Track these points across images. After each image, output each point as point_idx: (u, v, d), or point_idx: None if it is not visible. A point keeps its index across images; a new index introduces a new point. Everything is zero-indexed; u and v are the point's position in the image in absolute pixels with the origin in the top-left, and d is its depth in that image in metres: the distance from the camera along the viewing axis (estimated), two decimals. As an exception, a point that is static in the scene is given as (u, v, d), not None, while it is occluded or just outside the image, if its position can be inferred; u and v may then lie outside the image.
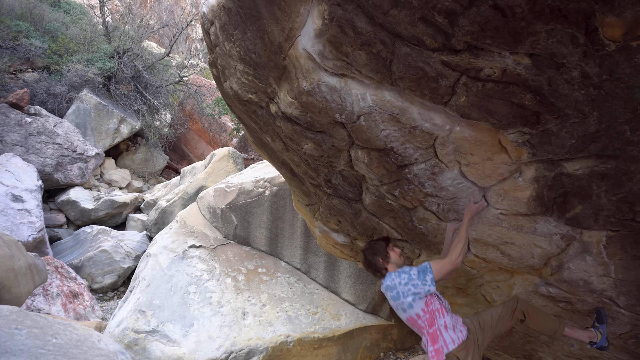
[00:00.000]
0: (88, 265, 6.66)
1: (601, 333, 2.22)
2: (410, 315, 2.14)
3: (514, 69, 1.60)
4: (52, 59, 11.08)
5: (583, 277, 2.27)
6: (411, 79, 1.83)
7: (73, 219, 8.50)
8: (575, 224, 2.08)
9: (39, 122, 8.90)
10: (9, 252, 3.72)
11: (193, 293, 4.62)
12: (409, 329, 5.11)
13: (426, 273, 2.10)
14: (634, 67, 1.42)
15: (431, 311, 2.11)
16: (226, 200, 5.75)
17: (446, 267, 2.14)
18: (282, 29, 2.05)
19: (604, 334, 2.22)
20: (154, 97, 12.22)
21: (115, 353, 2.84)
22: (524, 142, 1.89)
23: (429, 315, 2.10)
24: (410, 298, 2.10)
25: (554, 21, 1.39)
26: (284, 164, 3.32)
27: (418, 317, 2.12)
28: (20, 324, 2.53)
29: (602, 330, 2.23)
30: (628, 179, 1.77)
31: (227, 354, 4.00)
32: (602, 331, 2.23)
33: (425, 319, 2.11)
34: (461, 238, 2.20)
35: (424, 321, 2.11)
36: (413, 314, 2.13)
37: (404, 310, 2.16)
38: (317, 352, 4.45)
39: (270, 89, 2.47)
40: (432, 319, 2.10)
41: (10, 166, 7.11)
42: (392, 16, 1.64)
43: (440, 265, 2.14)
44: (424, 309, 2.10)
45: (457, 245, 2.18)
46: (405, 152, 2.22)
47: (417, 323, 2.14)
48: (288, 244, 5.45)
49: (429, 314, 2.10)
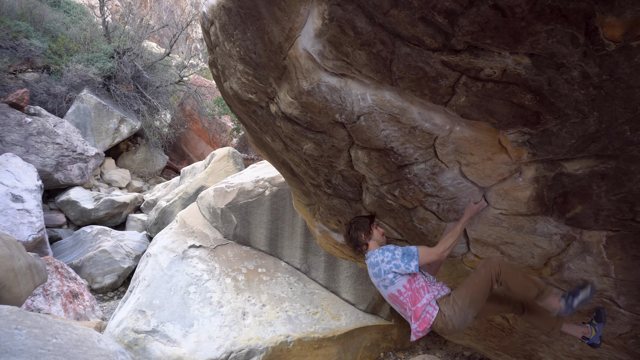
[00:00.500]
0: (88, 265, 6.66)
1: (596, 331, 2.22)
2: (392, 292, 2.18)
3: (514, 69, 1.60)
4: (52, 59, 11.08)
5: (583, 277, 2.27)
6: (411, 79, 1.83)
7: (73, 219, 8.50)
8: (575, 224, 2.08)
9: (39, 122, 8.90)
10: (9, 252, 3.72)
11: (193, 293, 4.62)
12: (409, 329, 5.11)
13: (412, 258, 2.14)
14: (634, 67, 1.42)
15: (414, 289, 2.13)
16: (226, 200, 5.75)
17: (432, 256, 2.16)
18: (282, 29, 2.05)
19: (598, 332, 2.22)
20: (154, 97, 12.21)
21: (115, 353, 2.84)
22: (524, 142, 1.89)
23: (411, 293, 2.13)
24: (392, 275, 2.14)
25: (554, 21, 1.39)
26: (284, 164, 3.32)
27: (400, 293, 2.16)
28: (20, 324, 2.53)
29: (598, 329, 2.23)
30: (628, 179, 1.77)
31: (227, 354, 4.00)
32: (597, 329, 2.22)
33: (408, 296, 2.14)
34: (454, 234, 2.22)
35: (405, 297, 2.15)
36: (394, 290, 2.16)
37: (386, 287, 2.19)
38: (317, 352, 4.45)
39: (270, 89, 2.47)
40: (414, 297, 2.13)
41: (10, 166, 7.11)
42: (392, 16, 1.64)
43: (427, 253, 2.17)
44: (405, 286, 2.14)
45: (448, 240, 2.20)
46: (405, 152, 2.22)
47: (399, 299, 2.17)
48: (288, 244, 5.45)
49: (411, 292, 2.13)
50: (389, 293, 2.20)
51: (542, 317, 2.29)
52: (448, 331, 2.13)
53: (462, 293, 2.14)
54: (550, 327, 2.27)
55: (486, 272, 2.10)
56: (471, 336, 3.67)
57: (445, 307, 2.12)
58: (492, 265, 2.11)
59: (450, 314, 2.10)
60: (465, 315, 2.11)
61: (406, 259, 2.14)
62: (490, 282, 2.08)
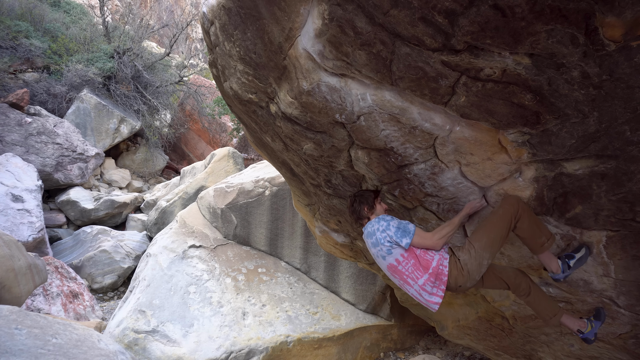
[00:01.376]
0: (88, 265, 6.66)
1: (592, 327, 2.21)
2: (390, 262, 2.12)
3: (514, 69, 1.60)
4: (52, 59, 11.08)
5: (583, 277, 2.27)
6: (411, 79, 1.83)
7: (73, 219, 8.51)
8: (575, 224, 2.08)
9: (39, 122, 8.90)
10: (9, 252, 3.72)
11: (193, 293, 4.63)
12: (409, 329, 5.11)
13: (405, 234, 2.07)
14: (634, 67, 1.42)
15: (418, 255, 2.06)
16: (226, 200, 5.75)
17: (426, 241, 2.09)
18: (282, 29, 2.05)
19: (594, 329, 2.21)
20: (154, 97, 12.21)
21: (115, 353, 2.84)
22: (524, 142, 1.89)
23: (414, 260, 2.06)
24: (388, 244, 2.09)
25: (554, 21, 1.39)
26: (284, 164, 3.32)
27: (398, 262, 2.09)
28: (20, 324, 2.53)
29: (595, 325, 2.22)
30: (628, 179, 1.77)
31: (227, 354, 4.00)
32: (594, 325, 2.22)
33: (412, 265, 2.06)
34: (451, 224, 2.15)
35: (405, 267, 2.07)
36: (392, 260, 2.10)
37: (384, 258, 2.14)
38: (317, 352, 4.45)
39: (270, 89, 2.47)
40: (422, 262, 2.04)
41: (10, 166, 7.11)
42: (392, 16, 1.64)
43: (422, 236, 2.09)
44: (403, 255, 2.07)
45: (444, 229, 2.13)
46: (405, 152, 2.22)
47: (398, 269, 2.10)
48: (288, 244, 5.45)
49: (414, 259, 2.06)
50: (387, 264, 2.14)
51: (545, 302, 2.24)
52: (463, 279, 2.03)
53: (479, 235, 2.05)
54: (552, 313, 2.23)
55: (505, 211, 2.01)
56: (471, 336, 3.67)
57: (459, 252, 2.05)
58: (511, 203, 2.02)
59: (465, 258, 2.02)
60: (481, 259, 2.02)
61: (400, 233, 2.08)
62: (509, 221, 1.99)
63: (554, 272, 2.10)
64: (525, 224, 2.01)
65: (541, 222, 2.08)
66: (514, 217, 2.00)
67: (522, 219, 2.00)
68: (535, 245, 2.06)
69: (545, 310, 2.25)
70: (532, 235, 2.04)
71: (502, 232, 2.02)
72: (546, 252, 2.08)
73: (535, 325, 2.93)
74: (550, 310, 2.24)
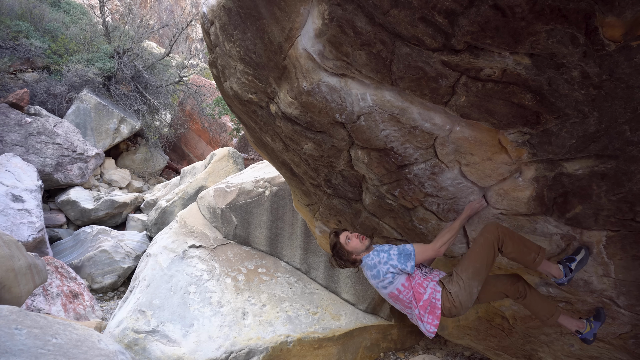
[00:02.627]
0: (88, 265, 6.66)
1: (591, 328, 2.21)
2: (392, 291, 2.16)
3: (514, 69, 1.60)
4: (52, 59, 11.08)
5: (583, 277, 2.27)
6: (411, 79, 1.83)
7: (73, 219, 8.50)
8: (575, 224, 2.08)
9: (39, 122, 8.90)
10: (9, 252, 3.72)
11: (193, 293, 4.62)
12: (409, 329, 5.11)
13: (408, 259, 2.11)
14: (634, 67, 1.42)
15: (414, 286, 2.12)
16: (226, 200, 5.75)
17: (428, 252, 2.14)
18: (282, 29, 2.05)
19: (593, 329, 2.21)
20: (154, 97, 12.21)
21: (115, 353, 2.84)
22: (524, 142, 1.89)
23: (412, 291, 2.12)
24: (390, 275, 2.12)
25: (554, 21, 1.39)
26: (284, 164, 3.32)
27: (399, 292, 2.14)
28: (20, 324, 2.53)
29: (594, 326, 2.22)
30: (628, 179, 1.77)
31: (227, 354, 4.00)
32: (593, 326, 2.22)
33: (410, 295, 2.12)
34: (452, 229, 2.18)
35: (406, 296, 2.13)
36: (394, 289, 2.14)
37: (385, 288, 2.17)
38: (317, 352, 4.45)
39: (270, 89, 2.47)
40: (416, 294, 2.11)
41: (10, 166, 7.11)
42: (392, 16, 1.64)
43: (423, 250, 2.14)
44: (404, 284, 2.12)
45: (445, 235, 2.17)
46: (405, 152, 2.22)
47: (399, 298, 2.15)
48: (288, 244, 5.45)
49: (411, 290, 2.12)
50: (388, 292, 2.19)
51: (542, 303, 2.25)
52: (456, 310, 2.07)
53: (464, 266, 2.09)
54: (549, 313, 2.23)
55: (485, 239, 2.06)
56: (471, 336, 3.67)
57: (449, 285, 2.08)
58: (490, 231, 2.05)
59: (455, 290, 2.06)
60: (470, 289, 2.06)
61: (403, 258, 2.12)
62: (491, 248, 2.03)
63: (556, 278, 2.12)
64: (510, 247, 2.05)
65: (527, 240, 2.11)
66: (496, 243, 2.04)
67: (506, 243, 2.04)
68: (527, 263, 2.10)
69: (542, 311, 2.25)
70: (521, 254, 2.07)
71: (487, 259, 2.06)
72: (542, 264, 2.09)
73: (535, 325, 2.93)
74: (547, 310, 2.25)
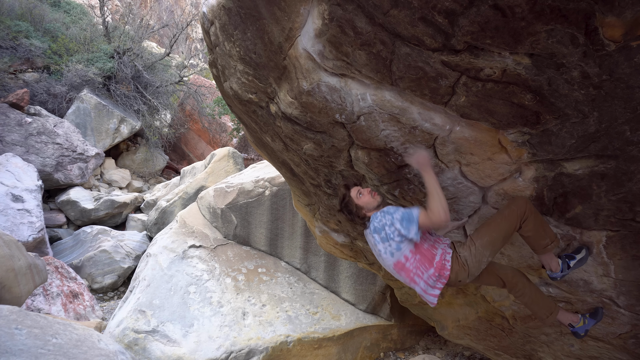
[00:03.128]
0: (88, 265, 6.66)
1: (584, 323, 2.22)
2: (398, 259, 2.04)
3: (514, 69, 1.60)
4: (52, 59, 11.08)
5: (583, 277, 2.28)
6: (411, 79, 1.83)
7: (73, 219, 8.50)
8: (575, 224, 2.08)
9: (39, 122, 8.90)
10: (9, 252, 3.72)
11: (193, 293, 4.62)
12: (409, 329, 5.11)
13: (410, 223, 1.96)
14: (634, 67, 1.42)
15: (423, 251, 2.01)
16: (226, 200, 5.75)
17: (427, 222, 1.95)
18: (282, 29, 2.05)
19: (586, 325, 2.22)
20: (154, 97, 12.21)
21: (115, 353, 2.84)
22: (524, 142, 1.89)
23: (419, 256, 2.01)
24: (398, 239, 2.00)
25: (554, 21, 1.39)
26: (284, 164, 3.32)
27: (406, 259, 2.03)
28: (20, 324, 2.53)
29: (588, 322, 2.23)
30: (628, 179, 1.77)
31: (227, 354, 4.00)
32: (587, 322, 2.22)
33: (417, 261, 2.01)
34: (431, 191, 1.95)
35: (413, 263, 2.02)
36: (401, 256, 2.03)
37: (392, 254, 2.04)
38: (317, 352, 4.45)
39: (270, 89, 2.47)
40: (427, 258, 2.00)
41: (10, 166, 7.11)
42: (392, 16, 1.64)
43: (425, 217, 1.96)
44: (412, 251, 2.02)
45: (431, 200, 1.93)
46: (406, 152, 2.22)
47: (405, 267, 2.04)
48: (288, 244, 5.45)
49: (419, 254, 2.01)
50: (395, 261, 2.06)
51: (541, 302, 2.25)
52: (463, 275, 2.01)
53: (481, 233, 2.03)
54: (548, 312, 2.22)
55: (510, 211, 1.99)
56: (471, 336, 3.67)
57: (461, 249, 2.03)
58: (519, 205, 1.99)
59: (465, 254, 2.00)
60: (481, 257, 2.00)
61: (405, 223, 1.97)
62: (514, 222, 1.98)
63: (552, 271, 2.10)
64: (530, 226, 2.01)
65: (547, 224, 2.07)
66: (521, 219, 1.99)
67: (528, 221, 2.00)
68: (538, 247, 2.06)
69: (541, 310, 2.25)
70: (536, 236, 2.04)
71: (506, 232, 2.01)
72: (548, 253, 2.08)
73: (535, 325, 2.93)
74: (546, 309, 2.24)
